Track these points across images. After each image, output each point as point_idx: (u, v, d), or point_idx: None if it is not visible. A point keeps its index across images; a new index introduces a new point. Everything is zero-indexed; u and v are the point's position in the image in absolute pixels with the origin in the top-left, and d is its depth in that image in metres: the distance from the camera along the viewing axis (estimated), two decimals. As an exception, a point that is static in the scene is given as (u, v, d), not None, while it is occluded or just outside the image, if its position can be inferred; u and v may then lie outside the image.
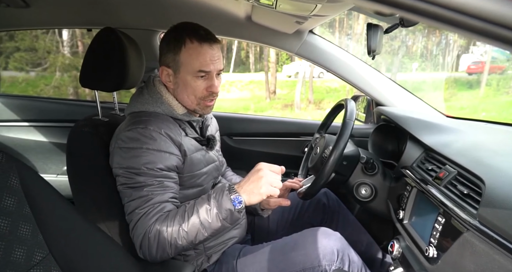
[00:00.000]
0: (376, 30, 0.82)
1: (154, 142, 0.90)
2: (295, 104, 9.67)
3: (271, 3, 0.83)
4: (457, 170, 0.80)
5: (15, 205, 0.57)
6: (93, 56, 1.02)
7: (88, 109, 1.68)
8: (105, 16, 1.37)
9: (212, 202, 0.85)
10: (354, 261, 1.02)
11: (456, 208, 0.72)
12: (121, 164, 0.90)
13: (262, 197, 0.86)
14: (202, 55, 0.93)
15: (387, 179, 1.13)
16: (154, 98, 0.99)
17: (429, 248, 0.78)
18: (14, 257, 0.55)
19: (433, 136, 1.01)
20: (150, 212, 0.86)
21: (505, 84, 10.82)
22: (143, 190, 0.87)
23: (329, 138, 1.21)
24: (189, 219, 0.84)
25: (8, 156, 0.59)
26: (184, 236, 0.85)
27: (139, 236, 0.86)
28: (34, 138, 1.64)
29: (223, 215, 0.84)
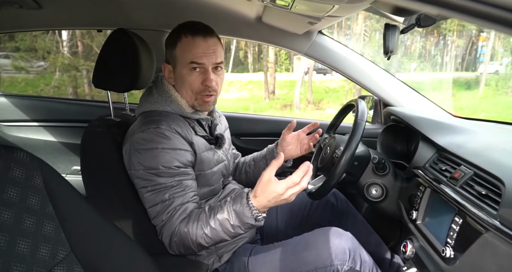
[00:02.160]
0: (394, 31, 0.82)
1: (168, 141, 0.91)
2: (294, 105, 9.68)
3: (286, 4, 0.83)
4: (473, 171, 0.81)
5: (39, 204, 0.58)
6: (106, 57, 1.02)
7: (96, 110, 1.69)
8: (116, 17, 1.37)
9: (233, 216, 0.88)
10: (366, 261, 1.02)
11: (474, 208, 0.72)
12: (139, 165, 0.91)
13: None
14: (194, 48, 0.94)
15: (398, 179, 1.13)
16: (163, 97, 1.00)
17: (446, 248, 0.78)
18: (40, 254, 0.57)
19: (445, 136, 1.02)
20: (174, 215, 0.89)
21: (504, 84, 10.87)
22: (165, 194, 0.89)
23: (339, 138, 1.21)
24: (212, 228, 0.88)
25: (31, 155, 0.60)
26: (209, 241, 0.90)
27: (166, 238, 0.91)
28: (43, 137, 1.65)
29: (245, 227, 0.89)
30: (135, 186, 0.94)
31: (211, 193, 1.07)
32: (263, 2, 0.90)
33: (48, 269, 0.57)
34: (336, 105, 10.10)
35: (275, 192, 0.85)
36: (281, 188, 0.85)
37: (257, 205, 0.87)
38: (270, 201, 0.86)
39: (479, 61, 13.79)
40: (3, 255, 0.51)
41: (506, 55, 12.50)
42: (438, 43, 14.79)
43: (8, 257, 0.52)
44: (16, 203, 0.55)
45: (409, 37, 14.31)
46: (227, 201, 0.91)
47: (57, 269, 0.59)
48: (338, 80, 12.04)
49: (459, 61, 14.56)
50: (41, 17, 1.33)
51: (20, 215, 0.55)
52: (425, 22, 0.79)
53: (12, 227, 0.54)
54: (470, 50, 14.30)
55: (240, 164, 1.35)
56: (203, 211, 0.91)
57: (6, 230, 0.53)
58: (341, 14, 0.87)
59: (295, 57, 14.97)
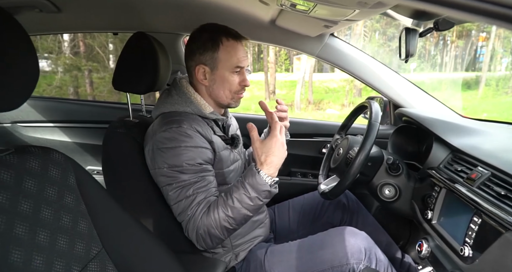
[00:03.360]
0: (414, 34, 0.84)
1: (191, 139, 0.94)
2: (295, 105, 9.70)
3: (307, 9, 0.85)
4: (491, 171, 0.82)
5: (74, 202, 0.61)
6: (126, 60, 1.04)
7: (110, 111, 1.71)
8: (134, 21, 1.39)
9: (248, 189, 0.90)
10: (381, 260, 1.04)
11: (493, 208, 0.73)
12: (164, 164, 0.93)
13: None
14: (238, 51, 1.00)
15: (412, 180, 1.15)
16: (183, 98, 1.02)
17: (464, 247, 0.79)
18: (76, 250, 0.59)
19: (459, 138, 1.03)
20: (197, 209, 0.92)
21: (504, 84, 10.89)
22: (189, 190, 0.92)
23: (352, 139, 1.23)
24: (233, 208, 0.90)
25: (65, 156, 0.62)
26: (232, 222, 0.91)
27: (193, 232, 0.92)
28: (58, 138, 1.68)
29: (263, 196, 0.91)
30: (159, 184, 0.96)
31: None
32: (282, 7, 0.92)
33: (83, 264, 0.60)
34: (336, 105, 10.12)
35: (275, 141, 0.91)
36: (274, 135, 0.91)
37: (267, 170, 0.90)
38: (278, 155, 0.91)
39: (478, 61, 13.81)
40: (45, 250, 0.54)
41: (505, 55, 12.53)
42: (437, 44, 14.82)
43: (51, 252, 0.55)
44: (54, 201, 0.58)
45: (408, 37, 14.31)
46: (238, 180, 0.94)
47: (92, 265, 0.62)
48: (338, 80, 12.06)
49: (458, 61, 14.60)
50: (60, 20, 1.35)
51: (58, 213, 0.58)
52: (444, 26, 0.81)
53: (52, 224, 0.56)
54: (470, 50, 14.33)
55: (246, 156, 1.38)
56: (220, 196, 0.94)
57: (48, 226, 0.55)
58: (359, 18, 0.88)
59: (295, 57, 14.98)
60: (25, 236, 0.51)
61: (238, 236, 1.09)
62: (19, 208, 0.52)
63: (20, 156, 0.55)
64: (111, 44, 7.72)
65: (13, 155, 0.54)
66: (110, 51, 7.60)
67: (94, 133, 1.65)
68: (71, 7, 1.21)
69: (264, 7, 1.06)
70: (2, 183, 0.50)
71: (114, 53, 7.65)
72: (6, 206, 0.50)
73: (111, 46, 7.75)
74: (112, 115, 1.65)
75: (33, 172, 0.56)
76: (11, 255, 0.48)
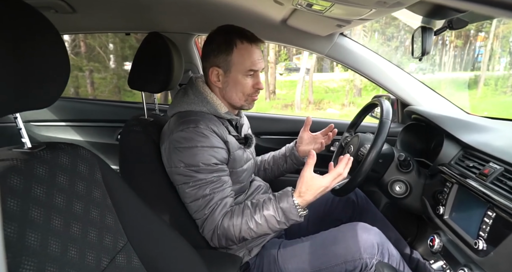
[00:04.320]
0: (430, 33, 0.86)
1: (207, 139, 0.95)
2: (295, 105, 9.71)
3: (323, 8, 0.87)
4: (504, 167, 0.84)
5: (101, 197, 0.63)
6: (141, 59, 1.06)
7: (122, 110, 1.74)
8: (147, 21, 1.41)
9: (279, 213, 0.94)
10: (393, 254, 1.06)
11: (508, 202, 0.75)
12: (180, 163, 0.95)
13: None
14: (252, 55, 1.00)
15: (422, 176, 1.17)
16: (199, 98, 1.04)
17: (478, 241, 0.81)
18: (105, 243, 0.61)
19: (470, 134, 1.05)
20: (216, 209, 0.93)
21: (503, 83, 10.93)
22: (206, 189, 0.94)
23: (363, 136, 1.25)
24: (258, 224, 0.94)
25: (91, 152, 0.64)
26: (252, 235, 0.95)
27: (209, 232, 0.95)
28: (71, 137, 1.70)
29: (289, 223, 0.96)
30: (175, 182, 0.98)
31: (240, 190, 1.11)
32: (297, 6, 0.93)
33: (112, 256, 0.62)
34: (336, 105, 10.14)
35: (322, 186, 0.93)
36: (327, 181, 0.94)
37: (301, 203, 0.94)
38: (315, 196, 0.94)
39: (477, 61, 13.85)
40: (78, 242, 0.56)
41: (504, 55, 12.57)
42: (436, 43, 14.86)
43: (83, 244, 0.57)
44: (84, 195, 0.60)
45: (408, 37, 14.37)
46: (272, 199, 0.96)
47: (119, 257, 0.64)
48: (338, 80, 12.08)
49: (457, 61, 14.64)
50: (75, 21, 1.37)
51: (88, 207, 0.60)
52: (457, 25, 0.83)
53: (83, 217, 0.58)
54: (468, 50, 14.38)
55: (258, 162, 1.40)
56: (246, 206, 0.96)
57: (79, 219, 0.57)
58: (373, 17, 0.90)
59: (295, 57, 15.00)
60: (61, 228, 0.53)
61: None
62: (54, 201, 0.54)
63: (52, 151, 0.57)
64: (112, 44, 7.72)
65: (46, 150, 0.56)
66: (111, 51, 7.61)
67: (105, 132, 1.67)
68: (86, 8, 1.23)
69: (277, 7, 1.08)
70: (38, 177, 0.52)
71: (114, 53, 7.66)
72: (43, 199, 0.52)
73: (111, 46, 7.75)
74: (123, 114, 1.68)
75: (64, 167, 0.58)
76: (50, 245, 0.50)
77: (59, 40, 0.55)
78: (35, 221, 0.49)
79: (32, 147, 0.56)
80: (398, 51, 13.69)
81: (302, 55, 11.72)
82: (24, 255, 0.45)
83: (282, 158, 1.36)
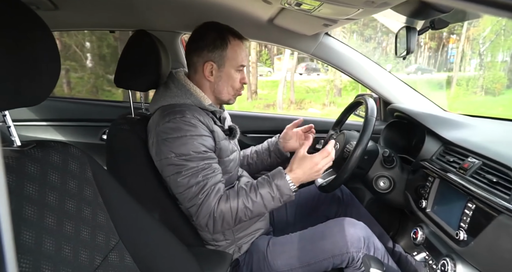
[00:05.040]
0: (414, 33, 0.90)
1: (195, 129, 0.96)
2: (277, 104, 9.78)
3: (311, 8, 0.88)
4: (482, 161, 0.89)
5: (92, 195, 0.63)
6: (128, 58, 1.05)
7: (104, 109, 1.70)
8: (132, 19, 1.39)
9: (274, 190, 0.97)
10: (378, 248, 1.09)
11: (486, 194, 0.79)
12: (170, 153, 0.95)
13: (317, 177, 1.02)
14: (243, 51, 1.06)
15: (405, 172, 1.21)
16: (182, 91, 1.04)
17: (460, 232, 0.85)
18: (97, 241, 0.61)
19: (450, 131, 1.10)
20: (210, 194, 0.94)
21: (474, 84, 11.44)
22: (198, 176, 0.94)
23: (348, 134, 1.28)
24: (254, 202, 0.96)
25: (81, 150, 0.64)
26: (248, 214, 0.96)
27: (204, 217, 0.95)
28: (52, 137, 1.64)
29: (284, 198, 0.99)
30: (166, 173, 0.97)
31: (229, 181, 1.12)
32: (286, 5, 0.95)
33: (104, 254, 0.62)
34: (317, 105, 10.29)
35: (313, 162, 0.98)
36: (317, 159, 0.99)
37: (293, 179, 0.98)
38: (305, 173, 0.99)
39: (449, 62, 14.43)
40: (72, 240, 0.55)
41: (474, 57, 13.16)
42: (412, 45, 15.33)
43: (77, 242, 0.56)
44: (76, 193, 0.59)
45: (385, 38, 14.79)
46: (265, 178, 0.99)
47: (112, 255, 0.64)
48: (319, 80, 12.28)
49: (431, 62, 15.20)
50: (58, 18, 1.34)
51: (80, 205, 0.59)
52: (439, 25, 0.87)
53: (76, 216, 0.58)
54: (442, 51, 14.96)
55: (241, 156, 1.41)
56: (241, 188, 0.98)
57: (72, 218, 0.57)
58: (360, 17, 0.93)
59: (276, 58, 15.10)
60: (55, 226, 0.53)
61: (241, 228, 1.12)
62: (47, 199, 0.53)
63: (43, 149, 0.56)
64: (89, 43, 7.50)
65: (37, 149, 0.55)
66: (88, 50, 7.38)
67: (88, 132, 1.63)
68: (69, 4, 1.21)
69: (265, 6, 1.09)
70: (30, 175, 0.51)
71: (91, 52, 7.44)
72: (36, 197, 0.51)
73: (88, 44, 7.53)
74: (106, 113, 1.64)
75: (56, 165, 0.57)
76: (44, 244, 0.50)
77: (50, 37, 0.54)
78: (29, 219, 0.48)
79: (22, 145, 0.55)
80: (376, 52, 14.08)
81: (283, 55, 11.81)
82: (19, 253, 0.45)
83: (266, 152, 1.39)
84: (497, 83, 10.79)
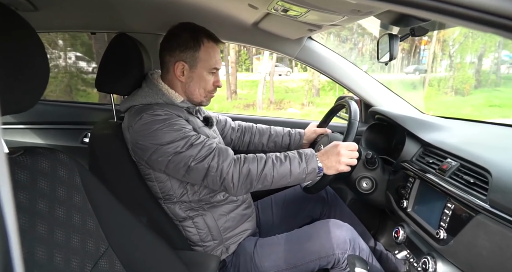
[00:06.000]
0: (396, 39, 0.93)
1: (170, 118, 0.97)
2: (257, 104, 9.81)
3: (298, 14, 0.89)
4: (459, 162, 0.93)
5: (81, 202, 0.62)
6: (109, 61, 1.03)
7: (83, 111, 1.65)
8: (114, 20, 1.36)
9: (303, 159, 0.99)
10: (363, 249, 1.13)
11: (465, 194, 0.84)
12: (156, 145, 0.94)
13: (338, 171, 1.02)
14: (217, 54, 1.06)
15: (386, 173, 1.25)
16: (154, 90, 1.04)
17: (440, 231, 0.89)
18: (88, 248, 0.61)
19: (429, 133, 1.15)
20: (219, 156, 0.95)
21: (445, 84, 11.95)
22: (194, 146, 0.94)
23: (332, 136, 1.31)
24: (282, 165, 0.98)
25: (69, 156, 0.63)
26: (274, 175, 0.97)
27: (228, 174, 0.94)
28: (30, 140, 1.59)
29: (309, 170, 1.00)
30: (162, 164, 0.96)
31: None
32: (272, 11, 0.95)
33: (94, 261, 0.62)
34: (296, 104, 10.40)
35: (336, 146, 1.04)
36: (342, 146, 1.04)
37: (322, 160, 1.03)
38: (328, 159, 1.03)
39: (421, 63, 14.99)
40: (63, 248, 0.55)
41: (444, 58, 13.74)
42: (386, 46, 15.78)
43: (68, 250, 0.56)
44: (65, 200, 0.59)
45: (360, 39, 15.16)
46: (295, 151, 1.03)
47: (101, 262, 0.64)
48: (298, 80, 12.41)
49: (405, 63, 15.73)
50: (37, 19, 1.29)
51: (70, 212, 0.59)
52: (419, 32, 0.91)
53: (66, 223, 0.58)
54: (414, 53, 15.51)
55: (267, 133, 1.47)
56: (268, 156, 1.01)
57: (62, 225, 0.57)
58: (345, 23, 0.95)
59: (255, 57, 15.14)
60: (46, 235, 0.52)
61: (229, 229, 1.13)
62: (37, 207, 0.52)
63: (32, 156, 0.55)
64: (61, 41, 7.22)
65: (25, 155, 0.54)
66: (62, 49, 7.11)
67: (68, 134, 1.58)
68: (49, 6, 1.16)
69: (250, 11, 1.09)
70: (20, 183, 0.51)
71: (64, 51, 7.17)
72: (27, 205, 0.50)
73: (61, 43, 7.25)
74: (86, 116, 1.60)
75: (45, 172, 0.56)
76: (37, 252, 0.49)
77: (35, 39, 0.52)
78: (21, 228, 0.48)
79: (10, 152, 0.53)
80: (352, 53, 14.40)
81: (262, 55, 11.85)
82: None
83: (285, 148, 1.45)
84: (465, 83, 11.34)
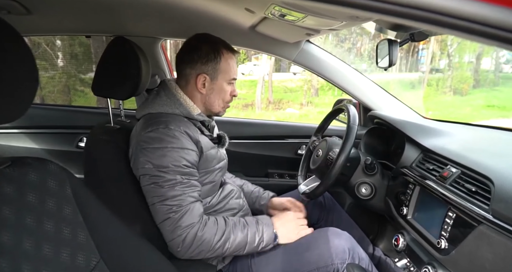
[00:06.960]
0: (396, 45, 0.92)
1: (177, 141, 0.95)
2: (256, 104, 9.79)
3: (296, 19, 0.87)
4: (460, 170, 0.91)
5: (72, 214, 0.60)
6: (107, 65, 1.01)
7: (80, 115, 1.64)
8: (110, 24, 1.34)
9: (261, 231, 1.04)
10: (363, 258, 1.10)
11: (466, 203, 0.82)
12: (148, 163, 0.93)
13: (291, 241, 1.09)
14: (235, 64, 1.07)
15: (386, 178, 1.23)
16: (172, 100, 1.03)
17: (441, 240, 0.87)
18: (77, 262, 0.59)
19: (429, 138, 1.13)
20: (185, 213, 0.92)
21: (443, 84, 11.94)
22: (175, 189, 0.92)
23: (331, 141, 1.29)
24: (240, 237, 0.99)
25: (60, 166, 0.61)
26: (228, 248, 0.97)
27: (181, 235, 0.92)
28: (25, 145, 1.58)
29: (265, 244, 1.03)
30: (142, 183, 0.95)
31: (211, 190, 1.11)
32: (269, 16, 0.93)
33: None
34: (295, 104, 10.38)
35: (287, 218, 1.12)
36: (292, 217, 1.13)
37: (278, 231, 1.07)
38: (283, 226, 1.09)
39: (420, 63, 14.97)
40: (52, 264, 0.53)
41: (443, 58, 13.73)
42: (385, 46, 15.75)
43: (56, 266, 0.54)
44: (55, 213, 0.57)
45: (359, 39, 15.14)
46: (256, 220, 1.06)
47: None
48: (296, 80, 12.38)
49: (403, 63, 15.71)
50: (31, 23, 1.27)
51: (59, 225, 0.57)
52: (419, 37, 0.89)
53: (55, 237, 0.55)
54: (412, 52, 15.49)
55: None
56: (228, 221, 1.00)
57: (51, 239, 0.54)
58: (342, 28, 0.93)
59: (253, 57, 15.08)
60: (33, 251, 0.50)
61: None
62: (24, 222, 0.50)
63: (20, 168, 0.53)
64: (59, 41, 7.17)
65: (13, 167, 0.52)
66: (59, 49, 7.05)
67: (64, 139, 1.56)
68: (42, 9, 1.14)
69: (248, 15, 1.07)
70: (5, 197, 0.48)
71: (63, 51, 7.11)
72: (12, 220, 0.48)
73: (59, 43, 7.20)
74: (82, 120, 1.58)
75: (33, 184, 0.54)
76: (23, 270, 0.47)
77: (22, 43, 0.50)
78: (5, 245, 0.46)
79: None
80: (351, 53, 14.38)
81: (260, 55, 11.81)
82: None
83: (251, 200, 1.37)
84: (464, 83, 11.33)
